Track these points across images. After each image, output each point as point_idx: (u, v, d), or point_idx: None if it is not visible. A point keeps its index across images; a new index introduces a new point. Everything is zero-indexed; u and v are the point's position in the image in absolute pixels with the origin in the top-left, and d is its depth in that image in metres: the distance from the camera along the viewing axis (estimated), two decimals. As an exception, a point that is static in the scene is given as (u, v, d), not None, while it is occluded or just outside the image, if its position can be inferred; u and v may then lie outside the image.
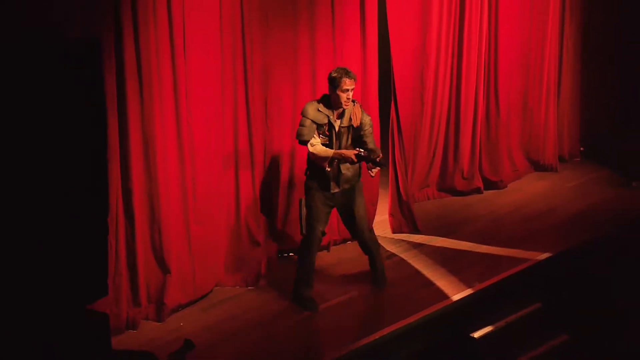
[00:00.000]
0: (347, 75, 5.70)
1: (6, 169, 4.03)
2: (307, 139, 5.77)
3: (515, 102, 8.37)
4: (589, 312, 6.32)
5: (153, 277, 5.70)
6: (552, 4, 8.45)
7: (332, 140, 5.80)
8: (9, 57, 4.02)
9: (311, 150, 5.76)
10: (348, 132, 5.85)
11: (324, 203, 5.91)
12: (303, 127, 5.76)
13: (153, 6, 5.40)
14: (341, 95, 5.72)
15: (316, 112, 5.77)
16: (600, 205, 7.72)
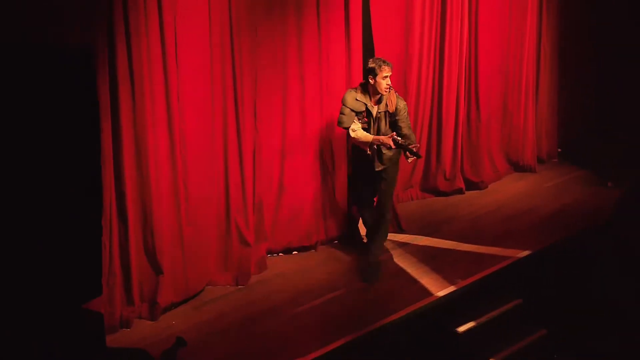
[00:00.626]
0: (385, 63, 6.16)
1: (3, 171, 4.11)
2: (347, 125, 6.27)
3: (495, 106, 8.49)
4: (567, 307, 6.48)
5: (146, 277, 5.78)
6: (530, 10, 8.55)
7: (371, 125, 6.23)
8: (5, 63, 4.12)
9: (352, 135, 6.29)
10: (385, 117, 6.31)
11: (366, 178, 6.48)
12: (343, 115, 6.28)
13: (145, 14, 5.48)
14: (381, 83, 6.17)
15: (354, 101, 6.23)
16: (578, 205, 7.84)
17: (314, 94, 6.65)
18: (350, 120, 6.26)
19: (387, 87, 6.20)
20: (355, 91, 6.30)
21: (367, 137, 6.25)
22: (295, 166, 6.67)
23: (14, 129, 4.14)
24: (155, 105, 5.64)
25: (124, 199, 5.59)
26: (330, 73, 6.74)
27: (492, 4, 8.16)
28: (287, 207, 6.69)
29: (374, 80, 6.19)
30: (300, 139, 6.66)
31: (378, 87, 6.20)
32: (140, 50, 5.50)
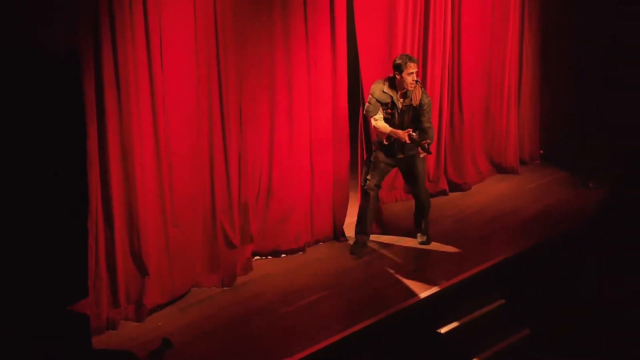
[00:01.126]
0: (410, 60, 6.52)
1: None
2: (372, 115, 6.68)
3: (478, 109, 8.55)
4: (550, 308, 6.55)
5: (132, 278, 5.80)
6: (512, 15, 8.62)
7: (395, 117, 6.59)
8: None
9: (374, 124, 6.72)
10: (409, 110, 6.67)
11: (385, 162, 6.83)
12: (370, 104, 6.70)
13: (130, 18, 5.50)
14: (406, 78, 6.53)
15: (381, 92, 6.59)
16: (560, 206, 7.92)
17: (301, 98, 6.70)
18: (376, 110, 6.64)
19: (413, 82, 6.55)
20: (383, 83, 6.64)
21: (385, 129, 6.63)
22: (284, 170, 6.72)
23: (1, 134, 4.17)
24: (140, 109, 5.67)
25: (110, 202, 5.61)
26: (318, 77, 6.79)
27: (474, 9, 8.23)
28: (275, 210, 6.73)
29: (400, 76, 6.54)
30: (288, 143, 6.71)
31: (404, 83, 6.55)
32: (126, 55, 5.52)
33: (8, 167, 4.24)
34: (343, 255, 6.89)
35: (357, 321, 5.79)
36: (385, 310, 5.95)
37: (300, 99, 6.69)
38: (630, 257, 7.01)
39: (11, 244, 4.31)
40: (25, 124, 4.31)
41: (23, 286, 4.42)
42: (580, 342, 6.17)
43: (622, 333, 6.22)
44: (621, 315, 6.45)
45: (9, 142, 4.23)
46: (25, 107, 4.31)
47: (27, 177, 4.36)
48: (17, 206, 4.32)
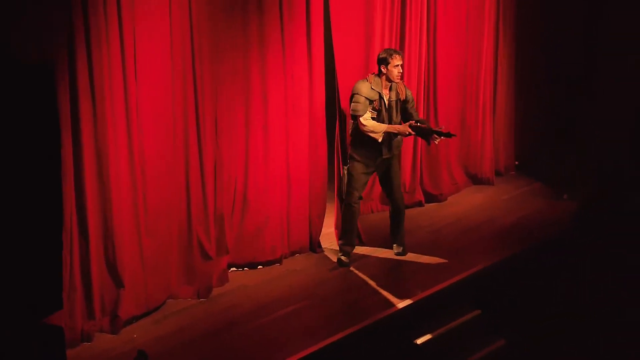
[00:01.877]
0: (396, 53, 6.59)
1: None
2: (362, 114, 6.56)
3: (453, 121, 8.60)
4: (524, 317, 6.59)
5: (107, 290, 5.76)
6: (487, 26, 8.72)
7: (383, 113, 6.54)
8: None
9: (364, 124, 6.56)
10: (396, 105, 6.68)
11: (364, 172, 6.78)
12: (358, 103, 6.57)
13: (105, 27, 5.49)
14: (392, 71, 6.55)
15: (369, 89, 6.54)
16: (534, 216, 7.98)
17: (277, 108, 6.70)
18: (366, 108, 6.55)
19: (399, 74, 6.58)
20: (367, 81, 6.62)
21: (380, 127, 6.57)
22: (259, 180, 6.70)
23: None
24: (115, 118, 5.65)
25: (85, 212, 5.58)
26: (295, 87, 6.80)
27: (449, 22, 8.31)
28: (251, 221, 6.72)
29: (386, 69, 6.57)
30: (263, 153, 6.70)
31: (390, 75, 6.58)
32: (101, 64, 5.50)
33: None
34: (319, 266, 6.89)
35: (333, 332, 5.78)
36: (361, 322, 5.96)
37: (275, 109, 6.68)
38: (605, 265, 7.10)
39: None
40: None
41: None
42: (569, 346, 6.18)
43: (615, 334, 6.27)
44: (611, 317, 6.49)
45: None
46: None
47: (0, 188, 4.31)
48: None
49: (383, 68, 6.61)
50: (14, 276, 4.39)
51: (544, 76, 9.44)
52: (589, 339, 6.23)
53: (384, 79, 6.63)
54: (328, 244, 7.17)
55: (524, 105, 9.40)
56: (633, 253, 7.19)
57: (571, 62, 9.32)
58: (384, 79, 6.63)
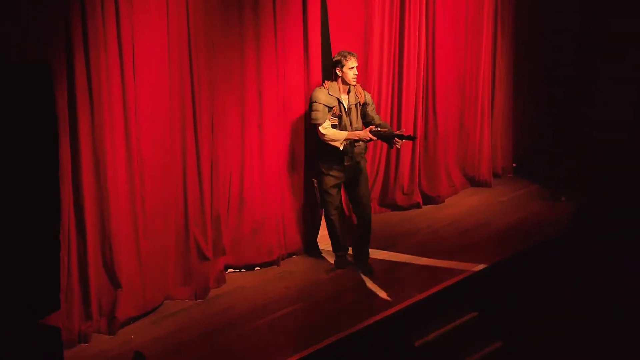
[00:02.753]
0: (350, 54, 6.41)
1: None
2: (322, 121, 6.40)
3: (452, 122, 8.63)
4: (521, 319, 6.60)
5: (104, 291, 5.77)
6: (485, 28, 8.73)
7: (344, 118, 6.41)
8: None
9: (324, 133, 6.43)
10: (356, 109, 6.55)
11: (334, 185, 6.62)
12: (317, 111, 6.42)
13: (103, 30, 5.50)
14: (348, 73, 6.38)
15: (327, 96, 6.40)
16: (532, 218, 7.98)
17: (272, 109, 6.71)
18: (325, 115, 6.41)
19: (354, 77, 6.44)
20: (324, 88, 6.48)
21: (340, 134, 6.42)
22: (255, 180, 6.71)
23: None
24: (113, 119, 5.66)
25: (83, 213, 5.58)
26: (289, 88, 6.81)
27: (448, 22, 8.32)
28: (248, 222, 6.73)
29: (341, 71, 6.42)
30: (259, 154, 6.70)
31: (345, 78, 6.43)
32: (98, 65, 5.51)
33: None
34: (316, 268, 6.90)
35: (330, 334, 5.78)
36: (358, 323, 5.96)
37: (270, 109, 6.69)
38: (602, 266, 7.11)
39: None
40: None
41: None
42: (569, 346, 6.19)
43: (614, 334, 6.28)
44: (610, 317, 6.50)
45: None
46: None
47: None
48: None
49: (338, 71, 6.45)
50: (11, 277, 4.39)
51: (542, 78, 9.45)
52: (588, 339, 6.25)
53: (340, 82, 6.48)
54: (325, 246, 7.16)
55: (522, 107, 9.41)
56: (632, 253, 7.20)
57: (569, 64, 9.34)
58: (340, 82, 6.48)
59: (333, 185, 6.63)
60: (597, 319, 6.46)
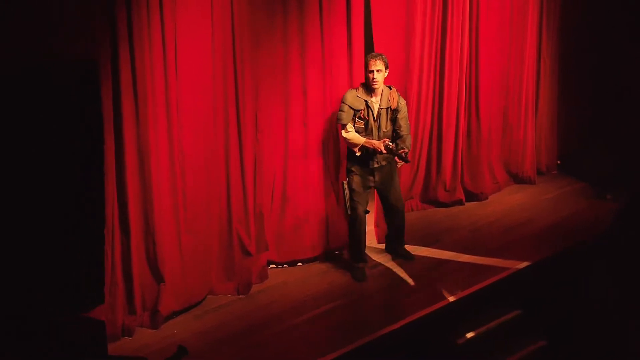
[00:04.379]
0: (372, 57, 6.34)
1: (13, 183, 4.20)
2: (345, 122, 6.37)
3: (495, 119, 8.57)
4: (566, 318, 6.52)
5: (147, 285, 5.82)
6: (530, 24, 8.65)
7: (371, 122, 6.35)
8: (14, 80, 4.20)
9: (344, 136, 6.41)
10: (387, 114, 6.44)
11: (364, 185, 6.52)
12: (342, 112, 6.39)
13: (148, 24, 5.54)
14: (368, 76, 6.32)
15: (354, 98, 6.36)
16: (576, 217, 7.89)
17: (316, 105, 6.71)
18: (349, 117, 6.37)
19: (374, 80, 6.33)
20: (356, 90, 6.44)
21: (358, 139, 6.37)
22: (298, 177, 6.72)
23: (23, 143, 4.24)
24: (157, 117, 5.70)
25: (126, 209, 5.64)
26: (334, 83, 6.80)
27: (492, 18, 8.25)
28: (291, 218, 6.74)
29: (365, 75, 6.40)
30: (303, 150, 6.72)
31: (366, 81, 6.40)
32: (143, 62, 5.56)
33: (26, 174, 4.28)
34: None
35: (371, 331, 5.78)
36: (400, 320, 5.94)
37: (315, 105, 6.69)
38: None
39: (29, 250, 4.34)
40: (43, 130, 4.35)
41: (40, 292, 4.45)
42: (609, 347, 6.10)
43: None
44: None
45: (27, 150, 4.27)
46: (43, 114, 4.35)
47: (45, 184, 4.39)
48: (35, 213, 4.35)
49: (365, 74, 6.44)
50: (58, 271, 4.47)
51: (587, 74, 9.31)
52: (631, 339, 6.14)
53: (369, 86, 6.41)
54: (368, 242, 7.10)
55: (567, 104, 9.30)
56: None
57: (616, 60, 9.17)
58: (369, 86, 6.41)
59: (363, 186, 6.53)
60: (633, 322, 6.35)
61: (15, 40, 4.79)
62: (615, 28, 9.13)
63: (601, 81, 9.26)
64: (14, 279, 4.30)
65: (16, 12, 4.81)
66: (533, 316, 6.46)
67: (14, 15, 4.80)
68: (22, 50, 4.81)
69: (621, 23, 9.10)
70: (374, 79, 6.33)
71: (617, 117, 9.15)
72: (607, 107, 9.23)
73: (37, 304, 4.45)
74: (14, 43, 4.78)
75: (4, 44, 4.75)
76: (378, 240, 7.28)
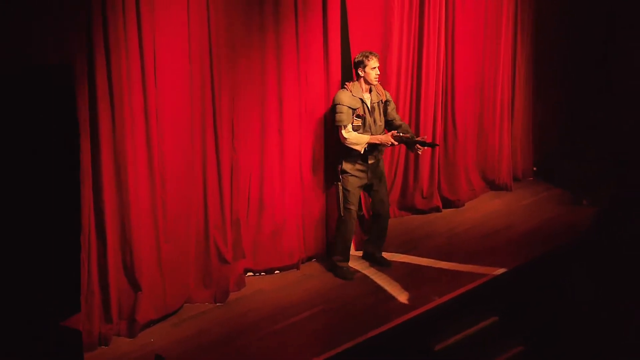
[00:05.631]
0: (372, 54, 6.49)
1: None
2: (346, 123, 6.45)
3: (471, 126, 8.60)
4: (542, 323, 6.55)
5: (124, 294, 5.77)
6: (504, 29, 8.70)
7: (367, 119, 6.46)
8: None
9: (346, 137, 6.47)
10: (379, 107, 6.60)
11: (358, 185, 6.62)
12: (341, 113, 6.46)
13: (124, 32, 5.51)
14: (370, 73, 6.46)
15: (351, 98, 6.45)
16: (553, 222, 7.93)
17: (293, 113, 6.71)
18: (349, 117, 6.45)
19: (376, 76, 6.50)
20: (347, 90, 6.52)
21: (362, 138, 6.47)
22: (275, 184, 6.71)
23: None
24: (134, 123, 5.67)
25: (103, 216, 5.59)
26: (309, 92, 6.81)
27: (467, 25, 8.31)
28: (268, 225, 6.72)
29: (364, 71, 6.48)
30: (279, 157, 6.70)
31: (367, 78, 6.50)
32: (120, 68, 5.52)
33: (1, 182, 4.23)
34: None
35: (349, 338, 5.76)
36: (378, 327, 5.94)
37: (290, 113, 6.69)
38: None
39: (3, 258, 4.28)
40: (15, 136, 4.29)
41: (14, 301, 4.39)
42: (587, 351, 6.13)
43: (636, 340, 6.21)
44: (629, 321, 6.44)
45: (2, 156, 4.22)
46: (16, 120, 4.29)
47: (19, 190, 4.33)
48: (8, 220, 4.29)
49: (360, 71, 6.53)
50: (32, 279, 4.41)
51: (562, 80, 9.39)
52: (609, 343, 6.18)
53: (363, 82, 6.55)
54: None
55: (542, 109, 9.36)
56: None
57: (591, 65, 9.26)
58: (363, 82, 6.55)
59: (358, 186, 6.64)
60: (617, 324, 6.39)
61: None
62: (589, 33, 9.24)
63: (576, 86, 9.35)
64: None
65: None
66: (512, 321, 6.49)
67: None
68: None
69: (595, 28, 9.21)
70: (377, 75, 6.51)
71: (592, 122, 9.24)
72: (583, 111, 9.32)
73: (10, 313, 4.38)
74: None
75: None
76: (356, 248, 7.27)
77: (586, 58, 9.31)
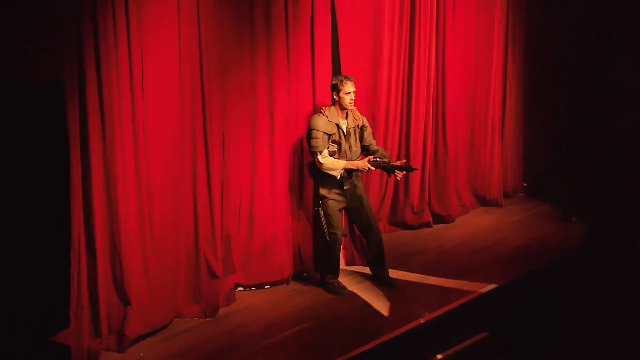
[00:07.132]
0: (347, 79, 6.37)
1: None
2: (322, 149, 6.35)
3: (462, 142, 8.65)
4: (532, 339, 6.56)
5: (114, 309, 5.76)
6: (496, 47, 8.77)
7: (343, 144, 6.38)
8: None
9: (322, 162, 6.38)
10: (355, 132, 6.51)
11: (338, 208, 6.56)
12: (317, 139, 6.36)
13: (115, 47, 5.52)
14: (344, 98, 6.35)
15: (326, 123, 6.36)
16: (543, 239, 7.95)
17: (284, 128, 6.73)
18: (325, 143, 6.37)
19: (351, 101, 6.39)
20: (323, 115, 6.43)
21: (338, 164, 6.39)
22: (266, 198, 6.72)
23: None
24: (124, 139, 5.67)
25: (93, 231, 5.58)
26: (300, 106, 6.83)
27: (459, 41, 8.36)
28: (258, 240, 6.73)
29: (338, 96, 6.40)
30: (270, 171, 6.72)
31: (342, 102, 6.40)
32: (110, 84, 5.53)
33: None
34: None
35: (340, 353, 5.73)
36: (367, 343, 5.91)
37: (281, 129, 6.71)
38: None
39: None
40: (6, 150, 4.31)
41: (4, 316, 4.40)
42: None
43: None
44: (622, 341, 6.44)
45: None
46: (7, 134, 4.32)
47: (9, 205, 4.35)
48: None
49: (335, 95, 6.42)
50: (22, 294, 4.42)
51: (553, 97, 9.45)
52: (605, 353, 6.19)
53: (338, 107, 6.45)
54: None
55: (533, 126, 9.42)
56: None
57: (581, 84, 9.32)
58: (338, 107, 6.45)
59: (339, 209, 6.60)
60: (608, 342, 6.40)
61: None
62: (579, 50, 9.30)
63: (568, 103, 9.41)
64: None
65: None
66: (500, 338, 6.50)
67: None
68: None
69: (585, 45, 9.26)
70: (352, 100, 6.40)
71: (582, 140, 9.28)
72: (573, 129, 9.36)
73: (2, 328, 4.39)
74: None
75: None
76: (346, 263, 7.28)
77: (578, 77, 9.35)
